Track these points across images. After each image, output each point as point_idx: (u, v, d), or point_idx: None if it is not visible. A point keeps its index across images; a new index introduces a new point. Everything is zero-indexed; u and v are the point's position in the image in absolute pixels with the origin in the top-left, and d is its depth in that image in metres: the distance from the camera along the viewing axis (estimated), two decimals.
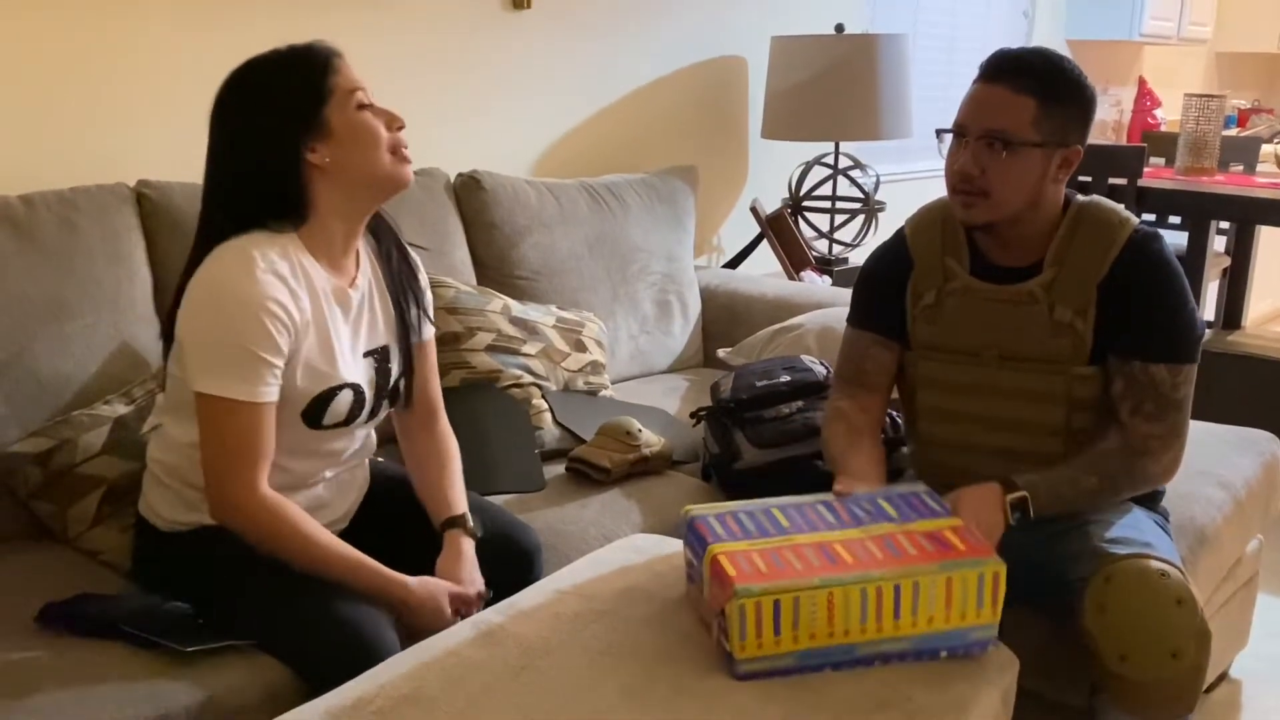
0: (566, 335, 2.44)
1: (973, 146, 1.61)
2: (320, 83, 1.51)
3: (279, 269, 1.49)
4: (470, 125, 2.79)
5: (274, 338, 1.47)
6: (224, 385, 1.47)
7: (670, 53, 3.29)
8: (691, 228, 3.01)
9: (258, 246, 1.49)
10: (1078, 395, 1.67)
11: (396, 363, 1.69)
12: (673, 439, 2.26)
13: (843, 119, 3.28)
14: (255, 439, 1.49)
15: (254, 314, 1.45)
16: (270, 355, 1.47)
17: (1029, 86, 1.59)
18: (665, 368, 2.88)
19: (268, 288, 1.47)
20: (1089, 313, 1.65)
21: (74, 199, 1.92)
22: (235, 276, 1.46)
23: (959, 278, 1.73)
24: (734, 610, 1.24)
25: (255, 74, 1.52)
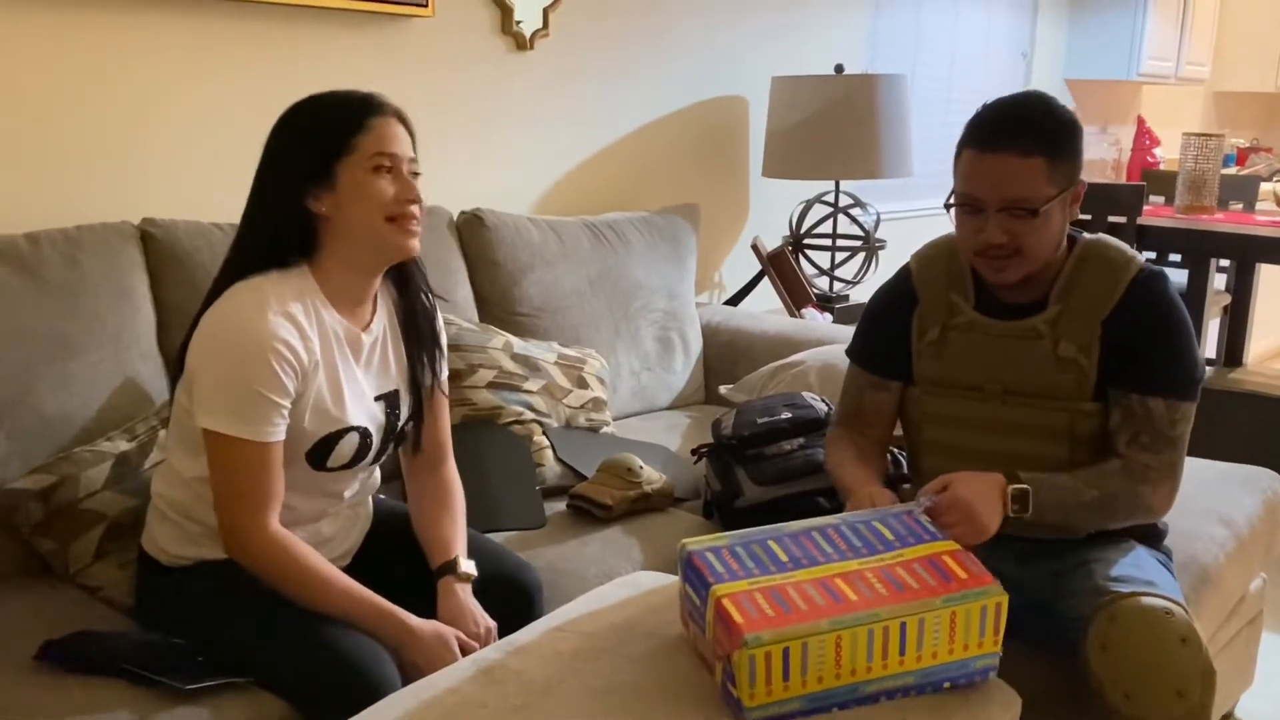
0: (568, 372, 2.45)
1: (995, 218, 1.60)
2: (342, 136, 1.53)
3: (291, 310, 1.51)
4: (474, 164, 2.82)
5: (281, 379, 1.48)
6: (231, 424, 1.48)
7: (672, 92, 3.33)
8: (693, 265, 3.03)
9: (273, 286, 1.51)
10: (1081, 431, 1.68)
11: (406, 407, 1.70)
12: (674, 476, 2.26)
13: (843, 158, 3.30)
14: (264, 477, 1.50)
15: (263, 355, 1.47)
16: (277, 396, 1.48)
17: (1035, 147, 1.58)
18: (667, 404, 2.88)
19: (277, 329, 1.48)
20: (1093, 349, 1.65)
21: (79, 237, 1.93)
22: (247, 316, 1.48)
23: (964, 313, 1.74)
24: (743, 660, 1.24)
25: (294, 117, 1.57)
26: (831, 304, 3.48)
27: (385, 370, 1.67)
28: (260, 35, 2.35)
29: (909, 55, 4.35)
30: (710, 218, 3.46)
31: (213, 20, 2.28)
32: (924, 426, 1.80)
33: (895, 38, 4.25)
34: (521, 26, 2.85)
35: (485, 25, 2.79)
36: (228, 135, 2.26)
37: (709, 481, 2.21)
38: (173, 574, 1.60)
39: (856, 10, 3.99)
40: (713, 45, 3.43)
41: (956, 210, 1.66)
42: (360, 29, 2.52)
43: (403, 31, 2.61)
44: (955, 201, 1.66)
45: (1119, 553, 1.67)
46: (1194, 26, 5.71)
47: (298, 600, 1.51)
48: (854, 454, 1.81)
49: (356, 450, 1.61)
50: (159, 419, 1.87)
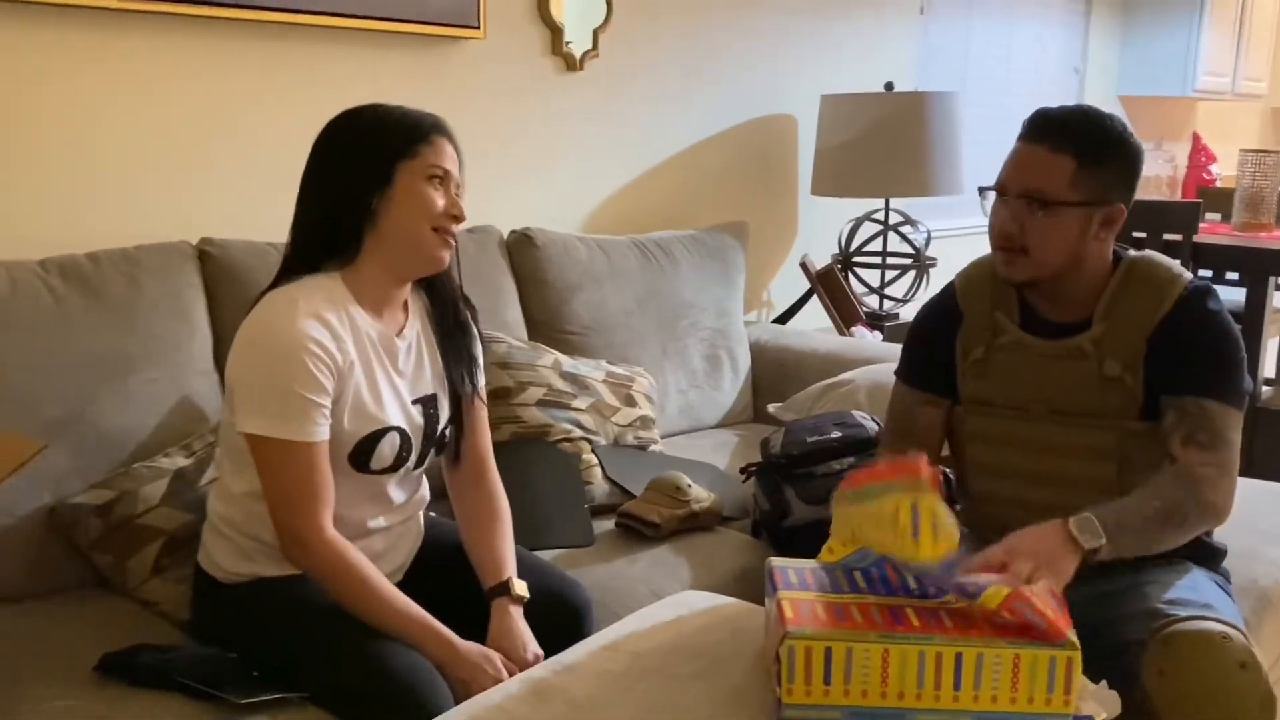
0: (616, 390, 2.46)
1: (1011, 205, 1.62)
2: (409, 142, 1.58)
3: (323, 313, 1.53)
4: (523, 184, 2.84)
5: (317, 378, 1.51)
6: (273, 426, 1.50)
7: (720, 111, 3.33)
8: (741, 283, 3.03)
9: (305, 292, 1.54)
10: (1129, 451, 1.65)
11: (444, 411, 1.71)
12: (722, 495, 2.26)
13: (893, 175, 3.29)
14: (312, 478, 1.52)
15: (297, 355, 1.49)
16: (315, 395, 1.51)
17: (1067, 146, 1.59)
18: (715, 423, 2.88)
19: (309, 329, 1.51)
20: (1138, 367, 1.64)
21: (139, 256, 1.98)
22: (278, 321, 1.51)
23: (1008, 332, 1.73)
24: (784, 652, 1.23)
25: (362, 115, 1.61)
26: (881, 322, 3.46)
27: (421, 375, 1.69)
28: (315, 58, 2.39)
29: (960, 72, 4.32)
30: (759, 236, 3.46)
31: (268, 43, 2.32)
32: (970, 447, 1.78)
33: (946, 55, 4.23)
34: (571, 47, 2.87)
35: (535, 46, 2.82)
36: (283, 156, 2.30)
37: (758, 500, 2.20)
38: (228, 590, 1.62)
39: (907, 27, 3.97)
40: (762, 64, 3.44)
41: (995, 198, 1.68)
42: (413, 51, 2.56)
43: (454, 53, 2.64)
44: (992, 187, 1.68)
45: (1175, 575, 1.64)
46: (1251, 41, 5.62)
47: (348, 606, 1.52)
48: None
49: (397, 452, 1.63)
50: (215, 435, 1.90)
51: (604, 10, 2.93)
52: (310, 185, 1.61)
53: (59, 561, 1.79)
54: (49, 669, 1.53)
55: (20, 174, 2.04)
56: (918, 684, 1.24)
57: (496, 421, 2.19)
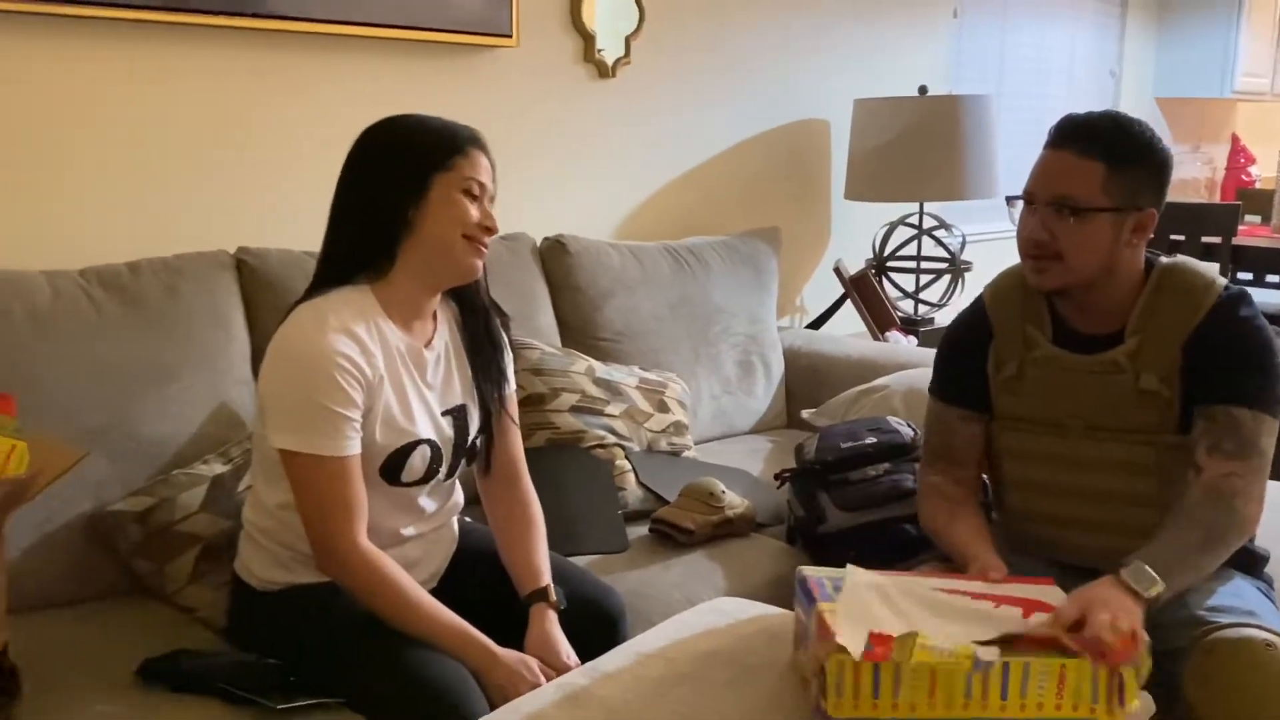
0: (649, 396, 2.46)
1: (1041, 213, 1.60)
2: (445, 154, 1.59)
3: (352, 327, 1.54)
4: (556, 190, 2.85)
5: (346, 391, 1.51)
6: (304, 440, 1.51)
7: (752, 116, 3.33)
8: (774, 289, 3.02)
9: (334, 305, 1.55)
10: (1168, 465, 1.62)
11: (475, 422, 1.72)
12: (756, 501, 2.25)
13: (927, 179, 3.27)
14: (345, 491, 1.53)
15: (325, 370, 1.50)
16: (344, 409, 1.51)
17: (1096, 151, 1.57)
18: (748, 429, 2.87)
19: (338, 344, 1.51)
20: (1175, 379, 1.61)
21: (178, 265, 2.00)
22: (307, 335, 1.52)
23: (1040, 346, 1.70)
24: (833, 665, 1.22)
25: (397, 126, 1.62)
26: (916, 327, 3.44)
27: (450, 385, 1.69)
28: (350, 68, 2.41)
29: (994, 75, 4.29)
30: (792, 241, 3.45)
31: (304, 54, 2.34)
32: (1006, 462, 1.76)
33: (980, 58, 4.21)
34: (603, 54, 2.88)
35: (568, 54, 2.83)
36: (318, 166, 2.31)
37: (792, 507, 2.19)
38: (264, 597, 1.64)
39: (940, 31, 3.95)
40: (794, 69, 3.43)
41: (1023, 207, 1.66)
42: (446, 60, 2.57)
43: (487, 61, 2.65)
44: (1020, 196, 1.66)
45: (1216, 582, 1.61)
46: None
47: (385, 617, 1.53)
48: (957, 515, 1.70)
49: (428, 464, 1.63)
50: (252, 442, 1.92)
51: (636, 17, 2.94)
52: (344, 197, 1.62)
53: (100, 568, 1.81)
54: (90, 674, 1.55)
55: (61, 185, 2.07)
56: (965, 693, 1.23)
57: (530, 428, 2.19)
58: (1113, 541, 1.59)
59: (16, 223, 2.03)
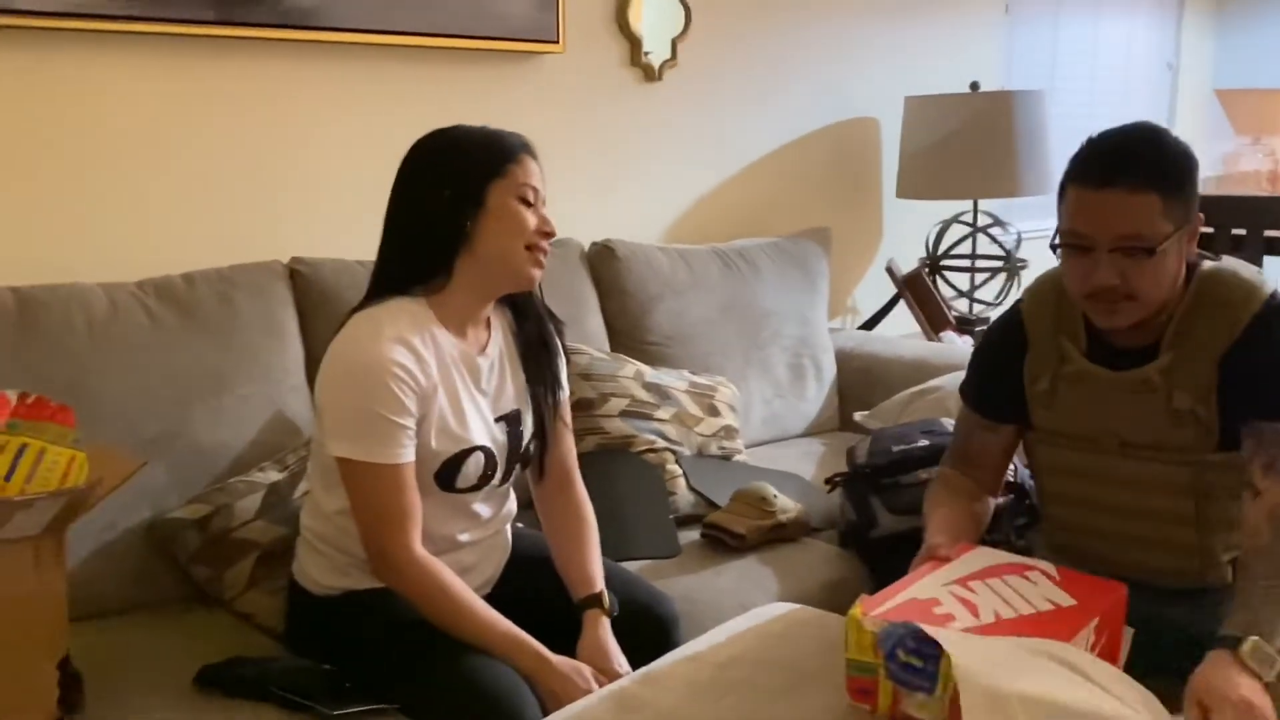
0: (699, 400, 2.45)
1: (1106, 258, 1.49)
2: (498, 163, 1.59)
3: (407, 336, 1.55)
4: (604, 195, 2.85)
5: (401, 400, 1.52)
6: (360, 449, 1.52)
7: (801, 116, 3.31)
8: (825, 290, 3.00)
9: (389, 315, 1.56)
10: (1210, 485, 1.56)
11: (528, 427, 1.72)
12: (808, 505, 2.23)
13: (980, 176, 3.23)
14: (399, 498, 1.54)
15: (381, 379, 1.51)
16: (399, 418, 1.53)
17: (1147, 181, 1.47)
18: (800, 432, 2.86)
19: (393, 353, 1.52)
20: (1211, 398, 1.54)
21: (232, 276, 2.03)
22: (363, 345, 1.53)
23: (1073, 361, 1.64)
24: None
25: (447, 138, 1.63)
26: (972, 327, 3.40)
27: (504, 392, 1.70)
28: (399, 77, 2.43)
29: (1047, 70, 4.23)
30: (843, 241, 3.43)
31: (353, 65, 2.37)
32: (1045, 475, 1.73)
33: (1032, 53, 4.15)
34: (650, 58, 2.88)
35: (615, 58, 2.83)
36: (368, 175, 2.35)
37: (844, 511, 2.18)
38: (322, 603, 1.65)
39: (991, 26, 3.90)
40: (842, 67, 3.40)
41: (1064, 251, 1.55)
42: (494, 67, 2.59)
43: (535, 68, 2.66)
44: (1062, 241, 1.55)
45: None
46: None
47: (440, 624, 1.54)
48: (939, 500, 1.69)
49: (483, 470, 1.64)
50: (308, 449, 1.94)
51: (682, 20, 2.93)
52: (398, 211, 1.62)
53: (159, 575, 1.84)
54: (150, 680, 1.58)
55: (118, 199, 2.11)
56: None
57: (580, 433, 2.20)
58: (1151, 557, 1.56)
59: (76, 237, 2.07)
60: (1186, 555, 1.58)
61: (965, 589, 1.40)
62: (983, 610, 1.35)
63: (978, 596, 1.38)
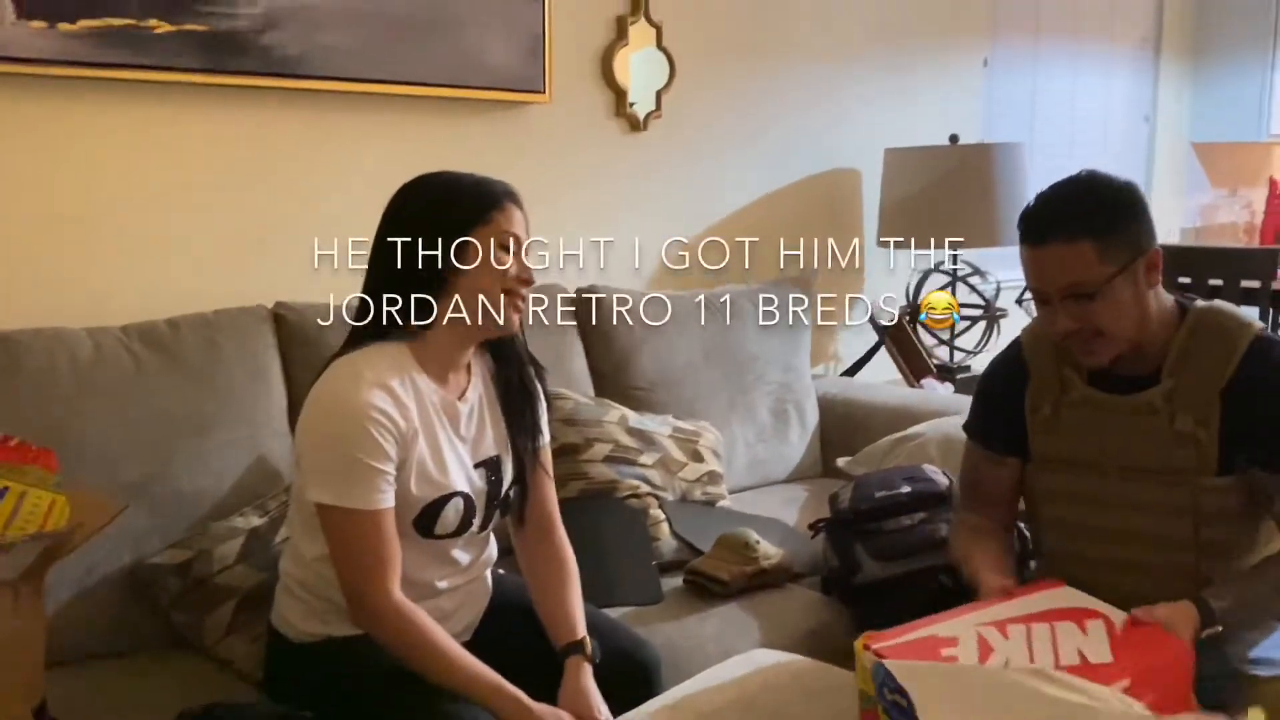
0: (683, 445, 2.46)
1: (1061, 306, 1.58)
2: (483, 209, 1.60)
3: (387, 381, 1.55)
4: (589, 241, 2.86)
5: (381, 445, 1.52)
6: (339, 494, 1.52)
7: (783, 166, 3.35)
8: (808, 336, 3.02)
9: (370, 360, 1.57)
10: (1206, 507, 1.61)
11: (509, 473, 1.72)
12: (792, 551, 2.23)
13: (960, 226, 3.27)
14: (379, 545, 1.53)
15: (361, 424, 1.51)
16: (379, 463, 1.52)
17: (1080, 230, 1.54)
18: (783, 477, 2.86)
19: (373, 398, 1.53)
20: (1212, 423, 1.59)
21: (216, 321, 2.03)
22: (343, 390, 1.54)
23: (1076, 388, 1.69)
24: None
25: (432, 183, 1.64)
26: (952, 374, 3.42)
27: (483, 437, 1.70)
28: (385, 125, 2.45)
29: (1025, 122, 4.29)
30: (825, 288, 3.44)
31: (339, 111, 2.39)
32: (1043, 505, 1.75)
33: (1011, 106, 4.21)
34: (635, 108, 2.91)
35: (600, 109, 2.87)
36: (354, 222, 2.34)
37: (827, 557, 2.18)
38: (301, 650, 1.64)
39: (970, 79, 3.97)
40: (823, 118, 3.45)
41: (1035, 303, 1.65)
42: (481, 116, 2.61)
43: (521, 118, 2.69)
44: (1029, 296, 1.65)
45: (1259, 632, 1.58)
46: None
47: (419, 671, 1.53)
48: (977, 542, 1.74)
49: (462, 516, 1.64)
50: (289, 494, 1.93)
51: (667, 72, 2.97)
52: (380, 256, 1.63)
53: (139, 620, 1.83)
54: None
55: (103, 244, 2.12)
56: None
57: (563, 478, 2.20)
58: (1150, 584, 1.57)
59: (62, 281, 2.07)
60: (1185, 581, 1.59)
61: (998, 631, 1.38)
62: (996, 656, 1.33)
63: (1007, 642, 1.36)
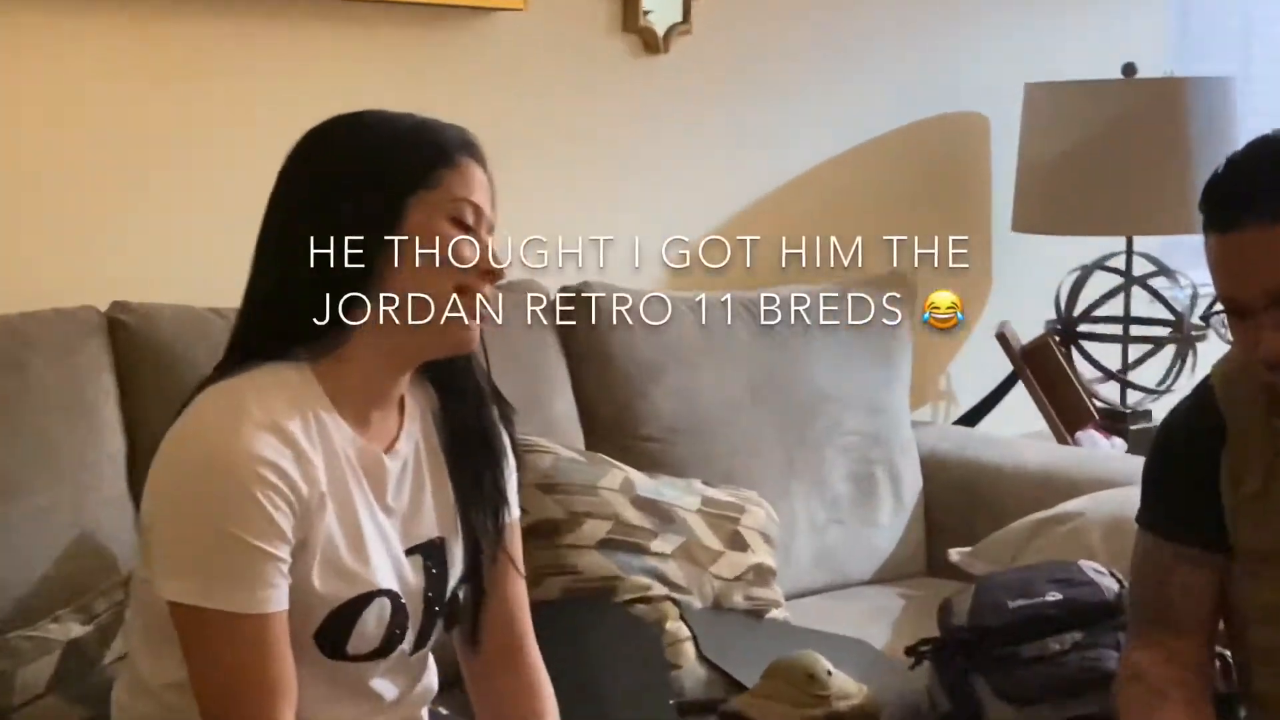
0: (717, 525, 2.46)
1: (1266, 319, 1.57)
2: (425, 167, 1.59)
3: (281, 422, 1.55)
4: (581, 215, 2.86)
5: (271, 516, 1.51)
6: (206, 590, 1.51)
7: (871, 110, 3.36)
8: (907, 365, 3.03)
9: (256, 390, 1.56)
10: None
11: (457, 565, 1.72)
12: (879, 687, 2.23)
13: (1138, 202, 3.27)
14: (264, 666, 1.53)
15: (242, 485, 1.50)
16: (267, 544, 1.51)
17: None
18: (867, 577, 2.87)
19: (260, 448, 1.51)
20: None
21: (23, 329, 2.04)
22: (218, 433, 1.52)
23: None
24: None
25: (353, 129, 1.63)
26: (1124, 424, 3.43)
27: (420, 510, 1.69)
28: (286, 44, 2.47)
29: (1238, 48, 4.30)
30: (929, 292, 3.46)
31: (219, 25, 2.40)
32: (1252, 623, 1.74)
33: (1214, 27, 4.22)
34: (651, 19, 2.92)
35: (599, 20, 2.88)
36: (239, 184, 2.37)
37: (933, 697, 2.18)
38: None
39: None
40: (935, 42, 3.47)
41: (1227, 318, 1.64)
42: (429, 30, 2.64)
43: (485, 32, 2.71)
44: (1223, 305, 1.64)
45: None
46: None
47: None
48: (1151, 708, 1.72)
49: (388, 627, 1.64)
50: (126, 592, 1.93)
51: None
52: (275, 232, 1.62)
53: None
54: None
55: None
56: None
57: (539, 572, 2.20)
58: None
59: None
60: None
61: None
62: None
63: None
